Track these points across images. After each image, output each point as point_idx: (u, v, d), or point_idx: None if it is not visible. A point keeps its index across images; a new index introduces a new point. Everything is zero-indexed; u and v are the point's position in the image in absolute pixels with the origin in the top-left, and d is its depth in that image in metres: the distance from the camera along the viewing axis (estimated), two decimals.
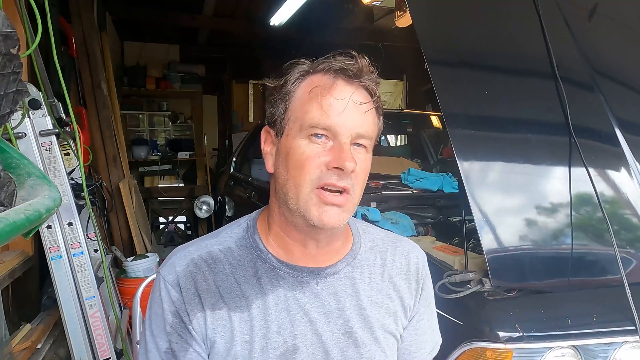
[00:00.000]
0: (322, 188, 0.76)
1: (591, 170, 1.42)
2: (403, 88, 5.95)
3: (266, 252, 0.84)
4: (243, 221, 0.90)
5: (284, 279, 0.82)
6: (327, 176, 0.76)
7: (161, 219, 6.30)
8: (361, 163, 0.78)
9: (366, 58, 0.80)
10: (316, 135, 0.77)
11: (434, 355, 0.99)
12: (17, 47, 0.60)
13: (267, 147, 0.85)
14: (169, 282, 0.80)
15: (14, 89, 0.63)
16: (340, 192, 0.77)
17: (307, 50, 0.82)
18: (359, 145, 0.79)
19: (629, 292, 1.22)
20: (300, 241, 0.83)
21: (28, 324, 2.17)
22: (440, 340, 1.00)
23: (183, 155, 6.59)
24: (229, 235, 0.87)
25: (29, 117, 1.95)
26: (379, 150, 3.40)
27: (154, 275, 1.09)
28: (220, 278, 0.81)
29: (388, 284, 0.89)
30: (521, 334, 1.17)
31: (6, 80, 0.60)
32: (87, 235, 2.27)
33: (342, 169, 0.75)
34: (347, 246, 0.89)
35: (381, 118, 0.84)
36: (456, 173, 1.92)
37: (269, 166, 0.84)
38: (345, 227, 0.89)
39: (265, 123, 0.86)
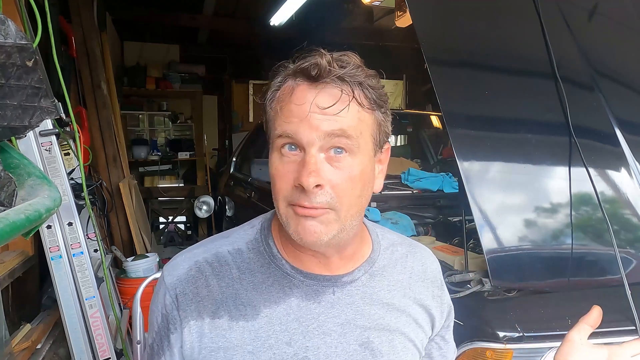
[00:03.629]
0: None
1: (591, 170, 1.42)
2: (403, 88, 5.94)
3: (280, 258, 0.78)
4: (257, 222, 0.84)
5: (297, 287, 0.76)
6: (295, 195, 0.68)
7: (161, 219, 6.31)
8: (342, 172, 0.68)
9: (332, 54, 0.70)
10: (290, 147, 0.69)
11: None
12: (32, 59, 0.56)
13: None
14: (167, 284, 0.77)
15: (35, 104, 0.60)
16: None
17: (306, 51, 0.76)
18: (340, 150, 0.68)
19: (629, 292, 1.22)
20: (309, 250, 0.76)
21: (28, 324, 2.16)
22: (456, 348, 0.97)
23: (183, 155, 6.59)
24: (241, 236, 0.82)
25: None
26: None
27: (155, 275, 1.08)
28: (225, 284, 0.76)
29: (408, 291, 0.83)
30: (521, 334, 1.17)
31: (22, 93, 0.58)
32: (87, 235, 2.27)
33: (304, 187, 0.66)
34: (365, 252, 0.83)
35: (378, 111, 0.72)
36: (456, 173, 1.92)
37: None
38: (362, 231, 0.82)
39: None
